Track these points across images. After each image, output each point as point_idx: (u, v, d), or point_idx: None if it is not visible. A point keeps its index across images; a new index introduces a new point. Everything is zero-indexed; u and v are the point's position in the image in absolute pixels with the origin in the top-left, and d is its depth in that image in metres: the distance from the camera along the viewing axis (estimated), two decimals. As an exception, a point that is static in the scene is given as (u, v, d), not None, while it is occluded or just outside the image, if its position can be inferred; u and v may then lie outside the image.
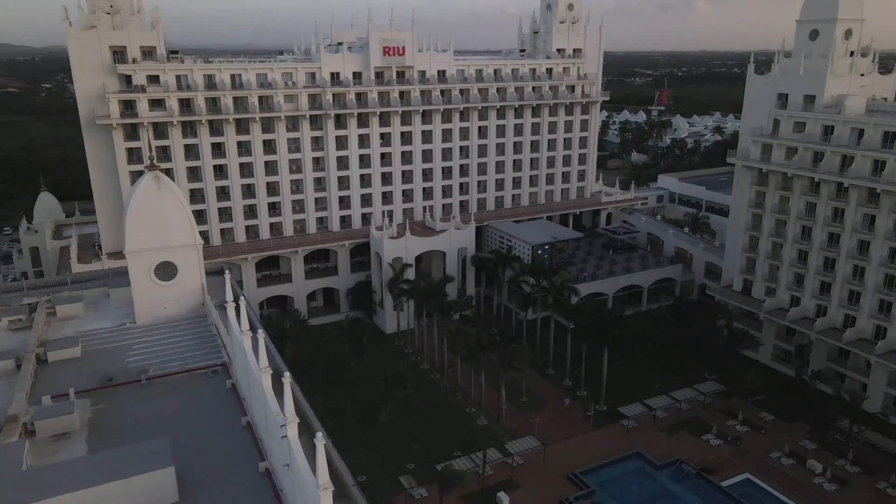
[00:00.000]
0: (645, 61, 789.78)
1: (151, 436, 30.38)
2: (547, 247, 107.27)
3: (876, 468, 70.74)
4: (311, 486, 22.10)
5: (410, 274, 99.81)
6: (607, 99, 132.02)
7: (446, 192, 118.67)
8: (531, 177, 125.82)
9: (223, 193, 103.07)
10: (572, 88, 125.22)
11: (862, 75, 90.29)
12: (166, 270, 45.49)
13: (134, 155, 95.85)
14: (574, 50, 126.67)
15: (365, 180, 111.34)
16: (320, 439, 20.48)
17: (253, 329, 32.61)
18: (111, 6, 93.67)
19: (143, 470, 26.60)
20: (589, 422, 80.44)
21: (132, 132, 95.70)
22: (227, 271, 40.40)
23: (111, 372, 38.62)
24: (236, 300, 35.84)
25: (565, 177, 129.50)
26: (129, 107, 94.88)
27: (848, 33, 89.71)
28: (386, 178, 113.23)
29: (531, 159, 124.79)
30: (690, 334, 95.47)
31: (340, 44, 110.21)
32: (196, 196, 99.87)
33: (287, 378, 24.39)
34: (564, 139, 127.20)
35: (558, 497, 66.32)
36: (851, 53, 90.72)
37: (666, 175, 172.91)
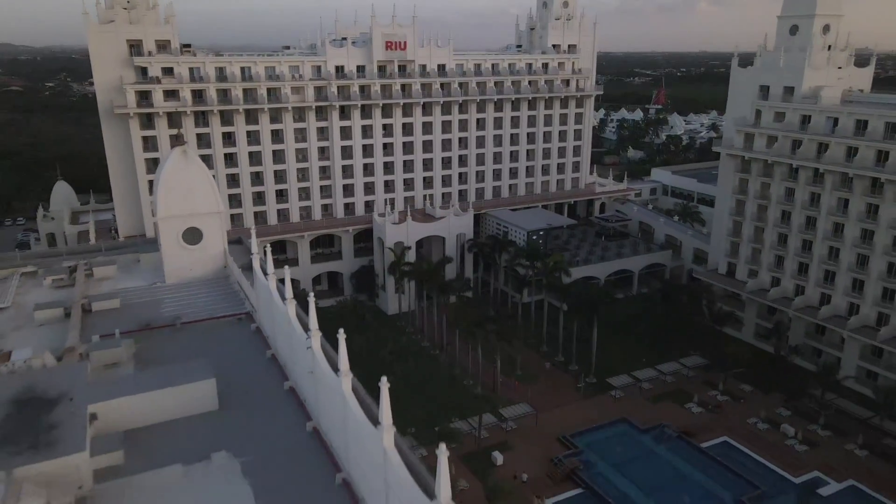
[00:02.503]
0: (645, 61, 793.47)
1: (190, 364, 35.38)
2: (542, 232, 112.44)
3: (845, 432, 75.89)
4: (332, 381, 27.18)
5: (411, 257, 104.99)
6: (600, 93, 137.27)
7: (446, 181, 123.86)
8: (527, 167, 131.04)
9: (233, 181, 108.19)
10: (567, 82, 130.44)
11: (839, 68, 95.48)
12: (193, 235, 50.44)
13: (149, 143, 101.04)
14: (569, 46, 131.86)
15: (368, 169, 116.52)
16: (342, 334, 25.54)
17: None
18: (128, 1, 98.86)
19: (190, 381, 31.74)
20: (579, 393, 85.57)
21: (147, 121, 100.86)
22: (252, 227, 45.52)
23: (148, 319, 43.62)
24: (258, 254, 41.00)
25: (560, 168, 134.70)
26: (144, 97, 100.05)
27: (826, 28, 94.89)
28: (388, 168, 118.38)
29: (527, 150, 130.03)
30: (677, 314, 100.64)
31: (345, 39, 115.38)
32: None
33: (312, 297, 29.50)
34: (559, 131, 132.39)
35: (549, 456, 71.45)
36: (829, 47, 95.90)
37: (659, 168, 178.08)
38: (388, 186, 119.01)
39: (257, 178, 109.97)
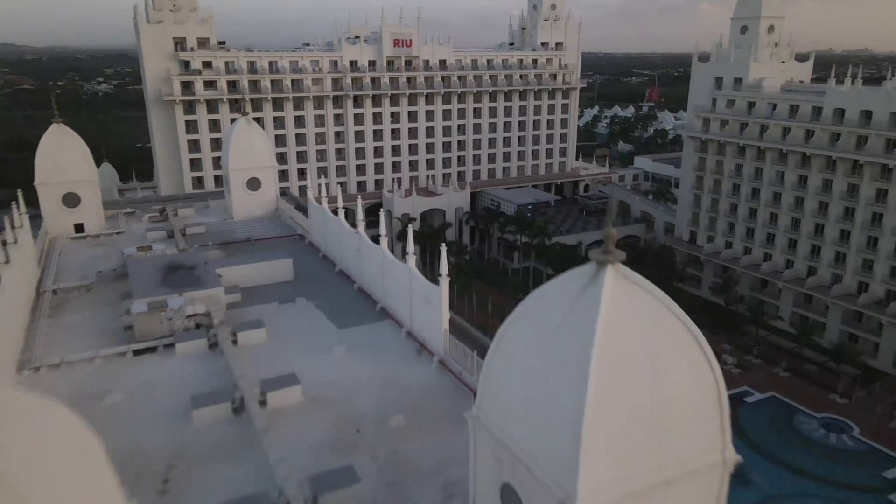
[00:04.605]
0: (643, 62, 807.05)
1: (268, 259, 51.46)
2: (530, 206, 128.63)
3: (774, 360, 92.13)
4: (374, 248, 43.28)
5: (415, 226, 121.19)
6: (584, 86, 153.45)
7: (446, 162, 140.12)
8: (519, 152, 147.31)
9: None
10: (554, 76, 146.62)
11: (783, 62, 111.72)
12: (253, 183, 66.70)
13: (190, 126, 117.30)
14: (556, 44, 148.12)
15: (378, 151, 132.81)
16: (382, 216, 41.51)
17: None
18: (174, 4, 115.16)
19: (275, 258, 47.95)
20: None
21: (189, 108, 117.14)
22: (308, 171, 62.03)
23: (227, 239, 59.86)
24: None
25: (549, 153, 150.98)
26: (186, 87, 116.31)
27: (771, 28, 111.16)
28: (395, 150, 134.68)
29: (519, 137, 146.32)
30: (645, 276, 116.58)
31: (358, 37, 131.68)
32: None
33: (359, 199, 45.55)
34: (548, 120, 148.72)
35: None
36: (776, 45, 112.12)
37: (641, 157, 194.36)
38: (396, 167, 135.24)
39: (282, 159, 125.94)
